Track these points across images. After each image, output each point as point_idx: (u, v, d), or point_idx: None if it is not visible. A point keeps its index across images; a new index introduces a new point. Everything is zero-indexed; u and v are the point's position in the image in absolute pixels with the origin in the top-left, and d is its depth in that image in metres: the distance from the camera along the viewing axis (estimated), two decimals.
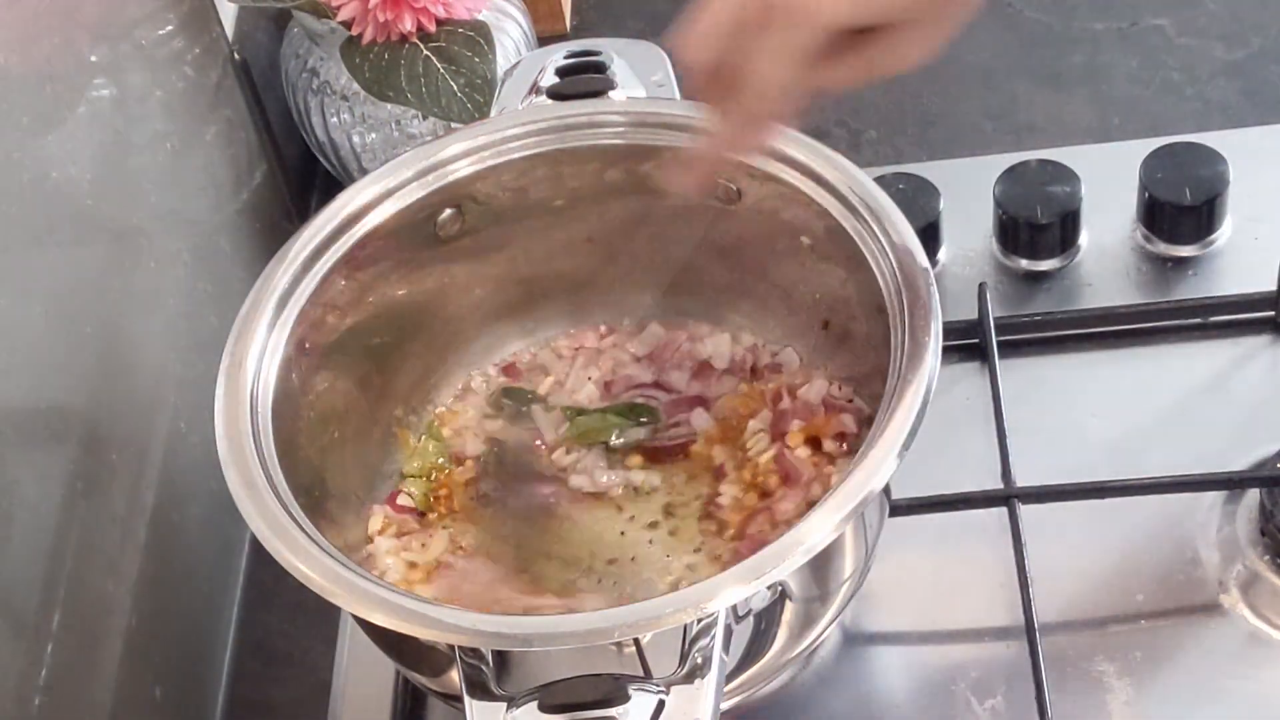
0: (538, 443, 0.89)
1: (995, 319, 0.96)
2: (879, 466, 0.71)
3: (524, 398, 0.91)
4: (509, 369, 0.92)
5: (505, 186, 0.87)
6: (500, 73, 0.98)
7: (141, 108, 0.95)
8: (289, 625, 0.95)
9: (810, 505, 0.77)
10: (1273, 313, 0.97)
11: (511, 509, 0.87)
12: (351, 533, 0.85)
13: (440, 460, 0.89)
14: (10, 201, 0.80)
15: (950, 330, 0.89)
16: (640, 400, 0.89)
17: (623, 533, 0.84)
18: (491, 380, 0.92)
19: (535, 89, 0.88)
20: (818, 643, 0.82)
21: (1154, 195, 0.99)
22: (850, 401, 0.86)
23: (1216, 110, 1.10)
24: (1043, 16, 1.18)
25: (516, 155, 0.86)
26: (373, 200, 0.85)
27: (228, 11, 1.06)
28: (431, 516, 0.87)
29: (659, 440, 0.88)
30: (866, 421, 0.84)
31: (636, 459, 0.87)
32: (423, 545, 0.85)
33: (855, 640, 0.89)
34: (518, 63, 0.91)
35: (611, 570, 0.83)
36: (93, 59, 0.90)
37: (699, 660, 0.68)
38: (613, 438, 0.88)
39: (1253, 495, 0.89)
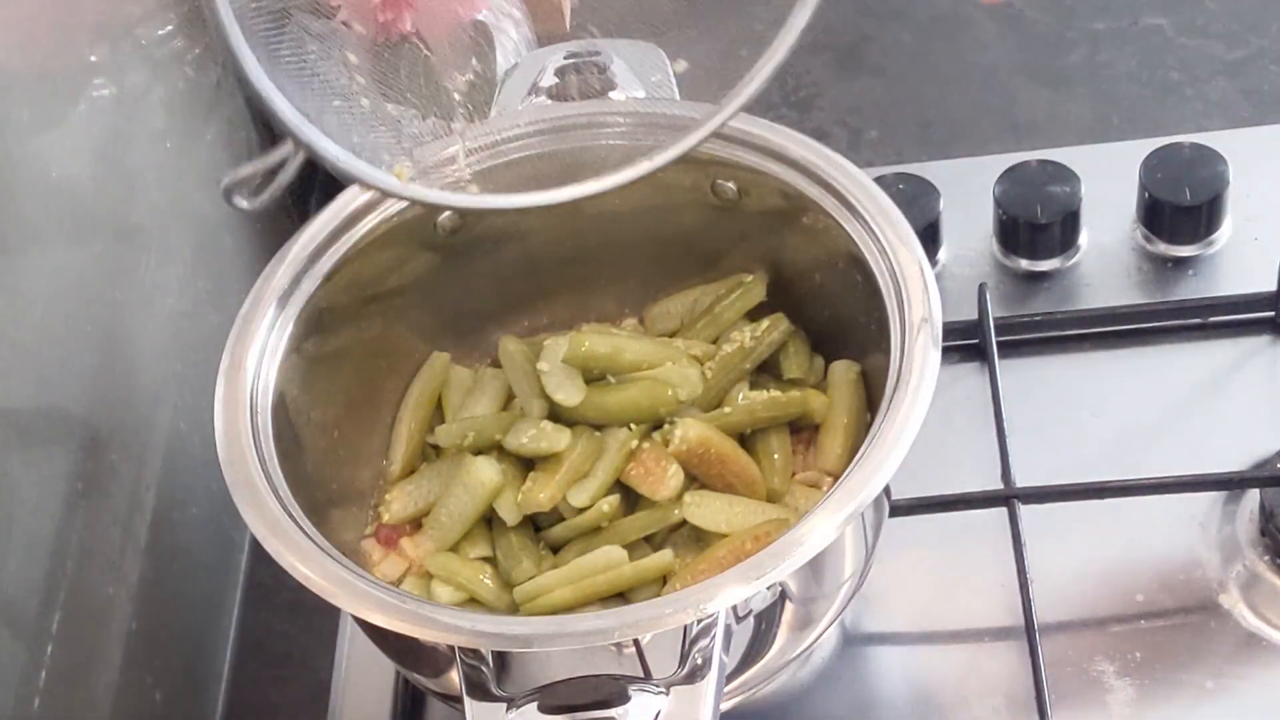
0: None
1: (995, 319, 0.96)
2: (879, 467, 0.72)
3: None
4: None
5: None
6: (500, 73, 0.98)
7: (141, 107, 0.95)
8: (289, 625, 0.95)
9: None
10: (1273, 313, 0.97)
11: None
12: (351, 533, 0.85)
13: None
14: (10, 200, 0.80)
15: (950, 330, 0.89)
16: None
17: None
18: None
19: (535, 89, 0.88)
20: (818, 643, 0.82)
21: (1154, 195, 0.99)
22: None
23: (1216, 110, 1.10)
24: (1043, 16, 1.18)
25: (516, 155, 0.86)
26: (373, 200, 0.85)
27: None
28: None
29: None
30: None
31: None
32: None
33: (855, 640, 0.89)
34: (518, 63, 0.91)
35: None
36: (93, 58, 0.90)
37: (699, 661, 0.68)
38: None
39: (1253, 495, 0.89)
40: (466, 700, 0.69)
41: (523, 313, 0.92)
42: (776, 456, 0.85)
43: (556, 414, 0.85)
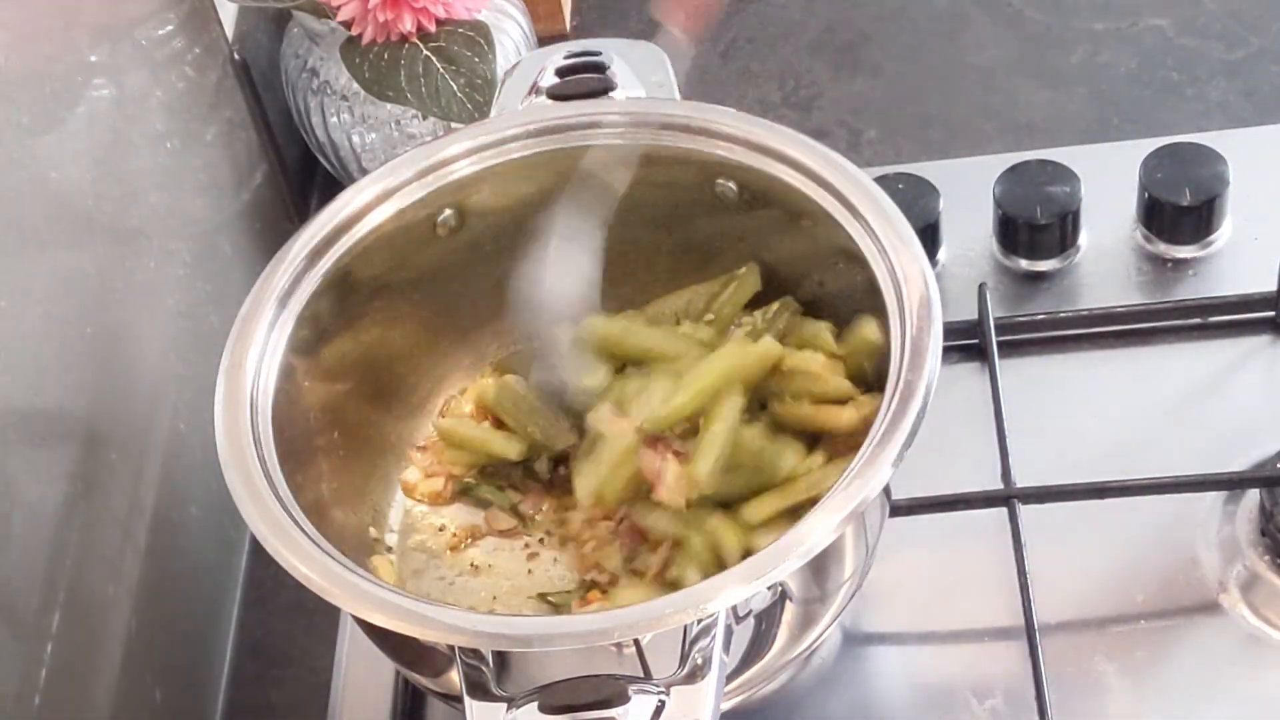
0: None
1: (995, 319, 0.96)
2: (879, 467, 0.72)
3: None
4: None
5: (505, 186, 0.87)
6: (500, 73, 0.98)
7: (141, 108, 0.95)
8: (289, 625, 0.95)
9: None
10: (1273, 313, 0.97)
11: None
12: (351, 533, 0.85)
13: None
14: (10, 202, 0.80)
15: (950, 330, 0.89)
16: None
17: None
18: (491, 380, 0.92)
19: (535, 89, 0.88)
20: (818, 643, 0.82)
21: (1154, 195, 0.99)
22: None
23: (1216, 110, 1.10)
24: (1043, 16, 1.18)
25: (516, 155, 0.86)
26: (373, 200, 0.85)
27: (228, 11, 1.06)
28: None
29: None
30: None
31: None
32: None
33: (855, 640, 0.89)
34: (518, 63, 0.91)
35: None
36: (93, 59, 0.90)
37: (699, 661, 0.68)
38: None
39: (1253, 495, 0.89)
40: (466, 700, 0.69)
41: (523, 314, 0.92)
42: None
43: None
